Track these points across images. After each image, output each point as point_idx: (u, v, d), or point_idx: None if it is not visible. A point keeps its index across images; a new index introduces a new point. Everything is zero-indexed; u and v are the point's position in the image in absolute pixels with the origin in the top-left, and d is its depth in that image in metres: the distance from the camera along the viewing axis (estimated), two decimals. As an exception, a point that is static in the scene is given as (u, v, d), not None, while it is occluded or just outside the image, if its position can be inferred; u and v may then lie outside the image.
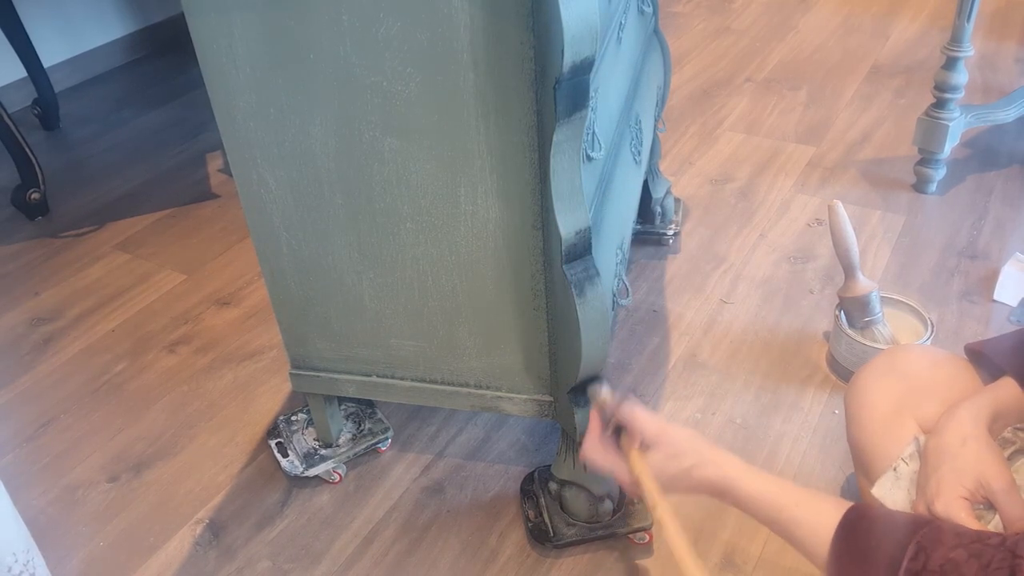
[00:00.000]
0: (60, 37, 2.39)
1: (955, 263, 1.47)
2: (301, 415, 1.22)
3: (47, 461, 1.25)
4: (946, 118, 1.58)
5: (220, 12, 0.83)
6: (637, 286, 1.49)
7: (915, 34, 2.33)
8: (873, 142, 1.86)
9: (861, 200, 1.66)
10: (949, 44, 1.53)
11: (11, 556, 0.82)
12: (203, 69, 0.87)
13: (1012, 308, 1.37)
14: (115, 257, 1.70)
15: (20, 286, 1.64)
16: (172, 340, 1.47)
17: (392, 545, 1.09)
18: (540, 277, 0.93)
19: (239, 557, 1.09)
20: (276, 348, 1.42)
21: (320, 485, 1.17)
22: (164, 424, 1.30)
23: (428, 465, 1.19)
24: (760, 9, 2.56)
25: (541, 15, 0.75)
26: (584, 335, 0.88)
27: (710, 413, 1.23)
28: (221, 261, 1.66)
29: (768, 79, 2.14)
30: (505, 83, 0.80)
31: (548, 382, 1.01)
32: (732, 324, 1.39)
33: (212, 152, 2.05)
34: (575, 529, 1.04)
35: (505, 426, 1.24)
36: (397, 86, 0.83)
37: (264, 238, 0.99)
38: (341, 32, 0.81)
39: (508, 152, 0.85)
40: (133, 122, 2.23)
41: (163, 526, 1.14)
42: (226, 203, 1.85)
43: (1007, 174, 1.71)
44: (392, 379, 1.07)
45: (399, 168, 0.89)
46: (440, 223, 0.91)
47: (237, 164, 0.93)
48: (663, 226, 1.57)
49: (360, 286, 0.99)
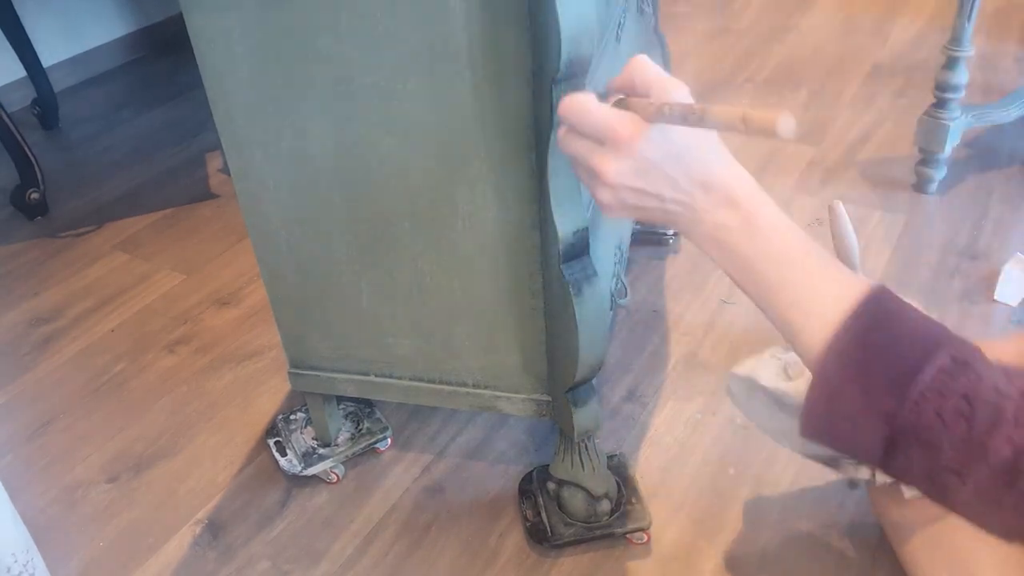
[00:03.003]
0: (59, 37, 2.39)
1: (956, 263, 1.47)
2: (300, 414, 1.22)
3: (46, 461, 1.25)
4: (947, 118, 1.58)
5: (218, 11, 0.83)
6: (637, 286, 1.49)
7: (915, 34, 2.32)
8: (873, 142, 1.86)
9: (861, 200, 1.66)
10: (949, 44, 1.53)
11: (10, 556, 0.82)
12: (201, 68, 0.87)
13: (1013, 309, 1.37)
14: (115, 257, 1.70)
15: (20, 286, 1.64)
16: (172, 340, 1.47)
17: (392, 545, 1.09)
18: (538, 277, 0.93)
19: (239, 557, 1.09)
20: (276, 348, 1.42)
21: (320, 485, 1.17)
22: (164, 424, 1.30)
23: (428, 465, 1.19)
24: (760, 9, 2.56)
25: (538, 15, 0.75)
26: (581, 335, 0.88)
27: (710, 413, 1.23)
28: (221, 261, 1.66)
29: (768, 79, 2.14)
30: (503, 83, 0.80)
31: (546, 382, 1.01)
32: (732, 324, 1.39)
33: (212, 152, 2.05)
34: (573, 529, 1.04)
35: (505, 426, 1.24)
36: (395, 86, 0.83)
37: (262, 238, 0.99)
38: (340, 32, 0.81)
39: (506, 152, 0.85)
40: (133, 122, 2.23)
41: (163, 526, 1.14)
42: (225, 203, 1.85)
43: (1007, 174, 1.71)
44: (390, 378, 1.07)
45: (397, 168, 0.88)
46: (438, 223, 0.91)
47: (235, 164, 0.93)
48: (663, 226, 1.56)
49: (358, 285, 0.99)
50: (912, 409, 0.51)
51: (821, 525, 1.07)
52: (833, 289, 0.56)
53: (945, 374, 0.50)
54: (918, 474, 0.53)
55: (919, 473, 0.53)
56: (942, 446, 0.50)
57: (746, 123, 0.49)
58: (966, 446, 0.50)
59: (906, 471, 0.54)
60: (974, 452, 0.50)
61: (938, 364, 0.51)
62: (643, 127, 0.56)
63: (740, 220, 0.58)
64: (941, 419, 0.50)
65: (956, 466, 0.51)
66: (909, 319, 0.54)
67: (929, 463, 0.51)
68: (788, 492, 1.11)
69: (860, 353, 0.53)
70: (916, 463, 0.52)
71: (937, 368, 0.50)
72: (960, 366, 0.51)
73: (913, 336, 0.53)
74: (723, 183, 0.58)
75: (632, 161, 0.57)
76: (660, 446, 1.19)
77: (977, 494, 0.51)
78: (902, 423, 0.51)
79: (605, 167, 0.57)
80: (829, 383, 0.54)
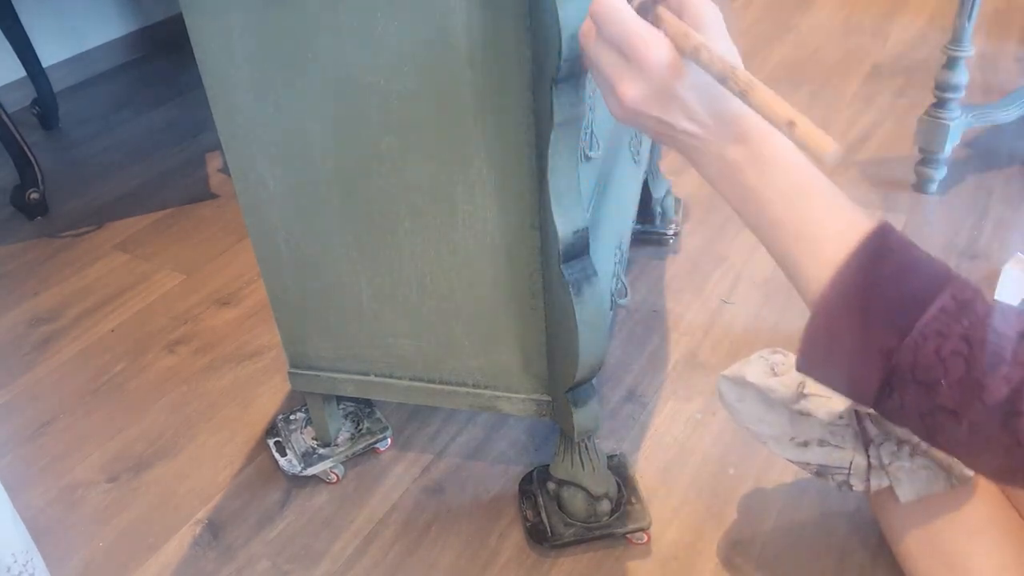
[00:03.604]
0: (59, 36, 2.39)
1: (956, 263, 1.47)
2: (300, 414, 1.22)
3: (46, 461, 1.25)
4: (947, 118, 1.58)
5: (218, 11, 0.83)
6: (637, 286, 1.49)
7: (915, 34, 2.32)
8: (873, 142, 1.86)
9: (861, 200, 1.66)
10: (950, 44, 1.53)
11: (10, 556, 0.82)
12: (201, 68, 0.87)
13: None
14: (114, 257, 1.70)
15: (19, 286, 1.64)
16: (172, 340, 1.47)
17: (392, 545, 1.09)
18: (538, 277, 0.93)
19: (239, 557, 1.09)
20: (276, 348, 1.42)
21: (320, 485, 1.17)
22: (164, 424, 1.30)
23: (428, 465, 1.19)
24: (760, 9, 2.56)
25: (538, 14, 0.74)
26: (581, 335, 0.88)
27: (710, 413, 1.23)
28: (221, 261, 1.66)
29: (768, 79, 2.14)
30: (503, 82, 0.80)
31: (546, 382, 1.01)
32: (733, 324, 1.39)
33: (211, 152, 2.05)
34: (573, 529, 1.04)
35: (505, 426, 1.24)
36: (395, 85, 0.83)
37: (262, 237, 0.99)
38: (339, 31, 0.81)
39: (506, 151, 0.85)
40: (133, 122, 2.23)
41: (163, 526, 1.14)
42: (225, 203, 1.85)
43: (1007, 174, 1.71)
44: (390, 378, 1.07)
45: (397, 167, 0.88)
46: (438, 222, 0.91)
47: (235, 164, 0.93)
48: (663, 226, 1.56)
49: (358, 285, 0.99)
50: (911, 347, 0.50)
51: (821, 525, 1.07)
52: (838, 224, 0.56)
53: (946, 314, 0.50)
54: (911, 413, 0.53)
55: (912, 412, 0.52)
56: (939, 386, 0.50)
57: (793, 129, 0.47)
58: (962, 386, 0.50)
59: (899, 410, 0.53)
60: (970, 391, 0.49)
61: (940, 304, 0.50)
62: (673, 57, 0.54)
63: (749, 153, 0.57)
64: (940, 358, 0.50)
65: (951, 405, 0.50)
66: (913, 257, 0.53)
67: (924, 402, 0.51)
68: (788, 492, 1.11)
69: (863, 289, 0.52)
70: (910, 402, 0.52)
71: (939, 308, 0.50)
72: (961, 306, 0.50)
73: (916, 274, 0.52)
74: (737, 117, 0.57)
75: (654, 90, 0.55)
76: (660, 446, 1.19)
77: (971, 433, 0.51)
78: (900, 360, 0.51)
79: (625, 88, 0.56)
80: (829, 316, 0.54)
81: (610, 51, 0.56)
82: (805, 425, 0.93)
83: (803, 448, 0.94)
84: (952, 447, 0.54)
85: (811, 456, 0.94)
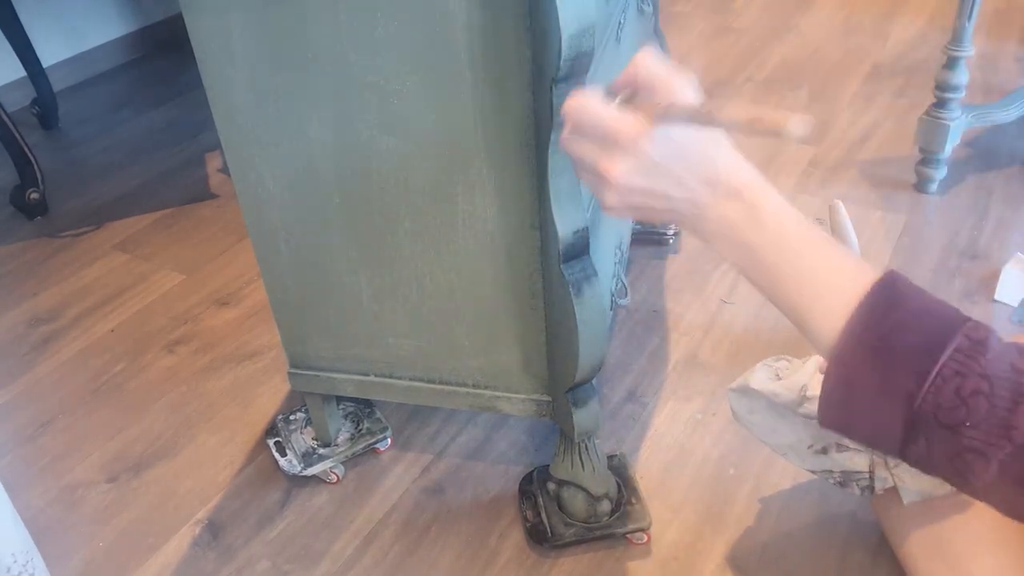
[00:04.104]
0: (59, 36, 2.39)
1: (956, 263, 1.47)
2: (299, 414, 1.22)
3: (46, 461, 1.25)
4: (947, 118, 1.58)
5: (218, 11, 0.83)
6: (637, 286, 1.49)
7: (915, 34, 2.32)
8: (873, 142, 1.86)
9: (861, 200, 1.66)
10: (950, 44, 1.53)
11: (10, 556, 0.82)
12: (201, 68, 0.87)
13: (1013, 308, 1.37)
14: (114, 257, 1.70)
15: (19, 286, 1.64)
16: (171, 340, 1.46)
17: (392, 545, 1.09)
18: (538, 277, 0.93)
19: (239, 557, 1.09)
20: (276, 348, 1.42)
21: (320, 485, 1.17)
22: (163, 424, 1.30)
23: (428, 465, 1.19)
24: (760, 9, 2.56)
25: (538, 14, 0.74)
26: (581, 335, 0.88)
27: (710, 413, 1.23)
28: (220, 261, 1.66)
29: (768, 79, 2.14)
30: (503, 82, 0.80)
31: (546, 382, 1.01)
32: (732, 324, 1.39)
33: (211, 152, 2.05)
34: (573, 529, 1.04)
35: (505, 426, 1.24)
36: (395, 85, 0.83)
37: (262, 238, 0.99)
38: (339, 31, 0.81)
39: (506, 152, 0.84)
40: (132, 122, 2.23)
41: (162, 526, 1.14)
42: (225, 203, 1.85)
43: (1007, 174, 1.71)
44: (390, 378, 1.07)
45: (397, 167, 0.88)
46: (438, 222, 0.91)
47: (235, 164, 0.93)
48: (663, 226, 1.56)
49: (358, 285, 0.99)
50: (931, 390, 0.50)
51: (821, 525, 1.07)
52: (844, 275, 0.56)
53: (963, 353, 0.50)
54: (939, 458, 0.52)
55: (940, 457, 0.52)
56: (963, 427, 0.50)
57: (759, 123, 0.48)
58: (988, 425, 0.49)
59: (927, 456, 0.53)
60: (997, 430, 0.49)
61: (955, 344, 0.50)
62: (647, 127, 0.56)
63: (745, 211, 0.57)
64: (961, 399, 0.50)
65: (979, 446, 0.50)
66: (922, 302, 0.53)
67: (951, 445, 0.51)
68: (788, 492, 1.11)
69: (876, 337, 0.53)
70: (937, 446, 0.52)
71: (954, 348, 0.50)
72: (976, 345, 0.50)
73: (928, 318, 0.52)
74: (727, 176, 0.57)
75: (637, 161, 0.56)
76: (660, 446, 1.19)
77: (1002, 474, 0.50)
78: (921, 405, 0.51)
79: (610, 168, 0.56)
80: (845, 367, 0.54)
81: (590, 143, 0.57)
82: (819, 429, 0.92)
83: (822, 456, 0.94)
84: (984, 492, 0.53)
85: (832, 464, 0.94)
